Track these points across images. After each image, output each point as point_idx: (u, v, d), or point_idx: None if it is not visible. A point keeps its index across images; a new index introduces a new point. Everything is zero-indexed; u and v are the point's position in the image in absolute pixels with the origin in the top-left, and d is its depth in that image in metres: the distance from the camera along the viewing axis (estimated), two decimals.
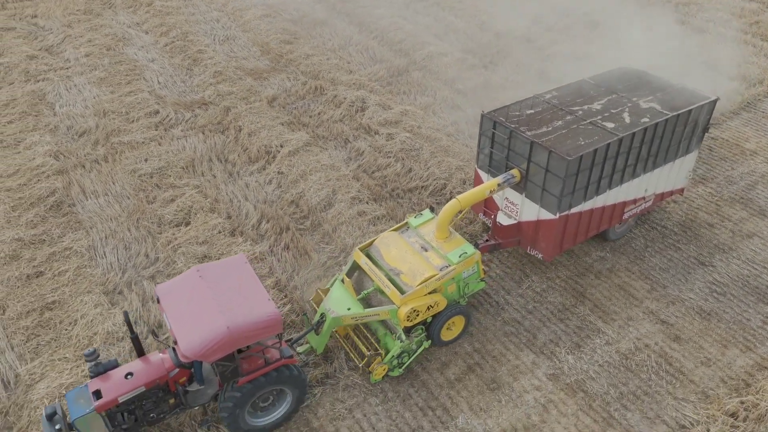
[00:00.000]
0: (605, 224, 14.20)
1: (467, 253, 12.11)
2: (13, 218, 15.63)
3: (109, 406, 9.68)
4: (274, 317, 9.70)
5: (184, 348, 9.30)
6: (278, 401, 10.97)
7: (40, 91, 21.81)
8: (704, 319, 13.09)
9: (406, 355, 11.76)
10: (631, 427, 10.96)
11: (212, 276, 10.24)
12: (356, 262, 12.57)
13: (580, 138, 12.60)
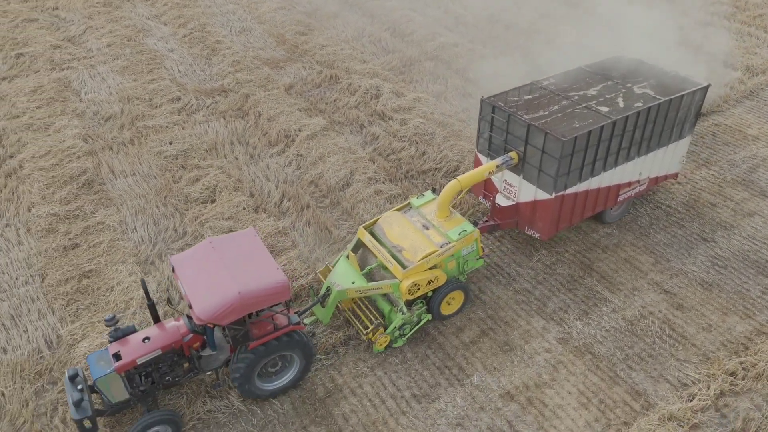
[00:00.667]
0: (600, 206, 14.73)
1: (467, 231, 12.69)
2: (47, 195, 16.45)
3: (128, 367, 10.27)
4: (282, 284, 10.29)
5: (198, 311, 9.85)
6: (286, 367, 11.52)
7: (65, 79, 22.64)
8: (706, 290, 13.79)
9: (407, 327, 12.40)
10: (636, 385, 11.68)
11: (224, 247, 10.84)
12: (360, 239, 13.15)
13: (575, 121, 13.18)
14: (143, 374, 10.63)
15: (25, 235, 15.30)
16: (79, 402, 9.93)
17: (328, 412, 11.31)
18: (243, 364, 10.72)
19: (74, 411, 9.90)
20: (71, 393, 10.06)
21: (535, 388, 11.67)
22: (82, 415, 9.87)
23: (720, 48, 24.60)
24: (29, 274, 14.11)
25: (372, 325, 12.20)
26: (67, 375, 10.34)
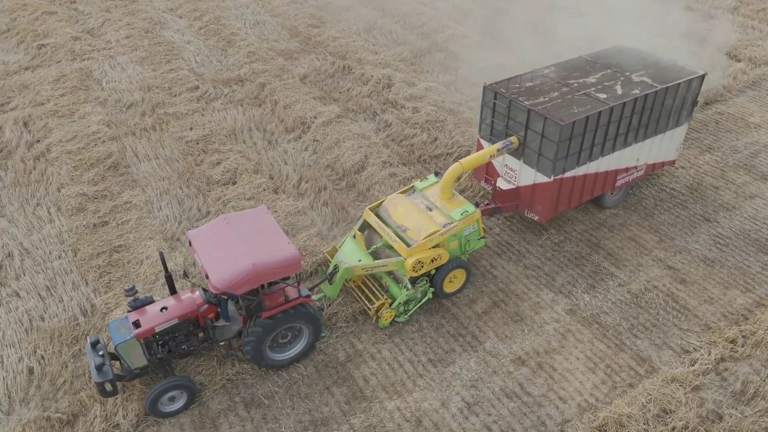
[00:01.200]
0: (598, 190, 15.16)
1: (468, 211, 13.19)
2: (75, 176, 17.17)
3: (146, 334, 10.78)
4: (294, 257, 10.81)
5: (215, 281, 10.33)
6: (296, 339, 12.02)
7: (87, 69, 23.37)
8: (708, 266, 14.39)
9: (411, 303, 12.98)
10: (641, 352, 12.30)
11: (238, 223, 11.34)
12: (366, 220, 13.64)
13: (573, 107, 13.66)
14: (161, 342, 11.18)
15: (56, 213, 16.02)
16: (100, 366, 10.49)
17: (349, 374, 11.98)
18: (255, 333, 11.19)
19: (96, 374, 10.46)
20: (93, 358, 10.65)
21: (545, 354, 12.32)
22: (104, 379, 10.43)
23: (724, 40, 25.26)
24: (62, 249, 14.83)
25: (377, 301, 12.80)
26: (89, 341, 10.98)
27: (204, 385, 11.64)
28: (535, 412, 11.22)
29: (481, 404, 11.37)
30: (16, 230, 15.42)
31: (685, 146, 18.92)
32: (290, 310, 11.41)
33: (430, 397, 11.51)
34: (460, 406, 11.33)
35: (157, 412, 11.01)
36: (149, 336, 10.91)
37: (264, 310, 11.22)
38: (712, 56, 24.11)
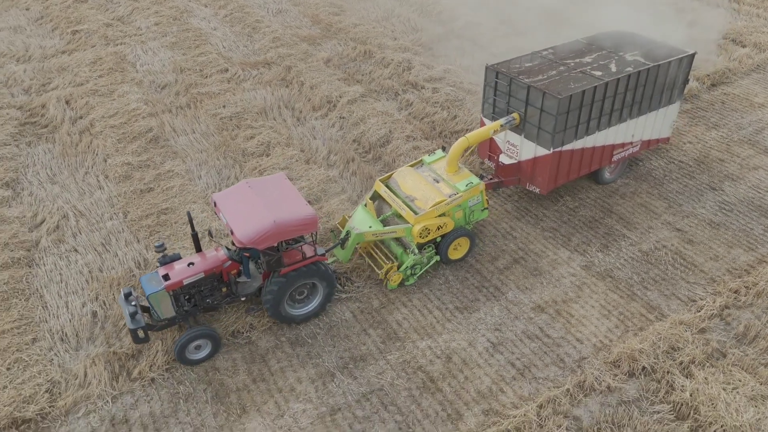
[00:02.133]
0: (596, 164, 15.94)
1: (473, 183, 14.04)
2: (120, 148, 18.35)
3: (175, 286, 11.61)
4: (311, 217, 11.65)
5: (239, 235, 11.10)
6: (311, 295, 12.87)
7: (121, 53, 24.58)
8: (714, 228, 15.43)
9: (418, 267, 13.77)
10: (651, 301, 13.36)
11: (259, 186, 12.17)
12: (377, 191, 14.43)
13: (570, 83, 14.46)
14: (187, 296, 12.03)
15: (104, 180, 17.20)
16: (133, 314, 11.39)
17: (383, 319, 13.09)
18: (275, 287, 11.98)
19: (130, 322, 11.35)
20: (126, 307, 11.52)
21: (563, 303, 13.39)
22: (137, 326, 11.30)
23: (730, 27, 26.26)
24: (113, 212, 16.01)
25: (386, 265, 13.73)
26: (122, 293, 11.90)
27: (253, 326, 12.79)
28: (555, 351, 12.31)
29: (504, 344, 12.47)
30: (69, 195, 16.63)
31: (693, 123, 19.96)
32: (307, 267, 12.25)
33: (458, 338, 12.62)
34: (486, 346, 12.43)
35: (185, 360, 11.84)
36: (177, 288, 11.74)
37: (283, 266, 12.07)
38: (718, 42, 25.17)
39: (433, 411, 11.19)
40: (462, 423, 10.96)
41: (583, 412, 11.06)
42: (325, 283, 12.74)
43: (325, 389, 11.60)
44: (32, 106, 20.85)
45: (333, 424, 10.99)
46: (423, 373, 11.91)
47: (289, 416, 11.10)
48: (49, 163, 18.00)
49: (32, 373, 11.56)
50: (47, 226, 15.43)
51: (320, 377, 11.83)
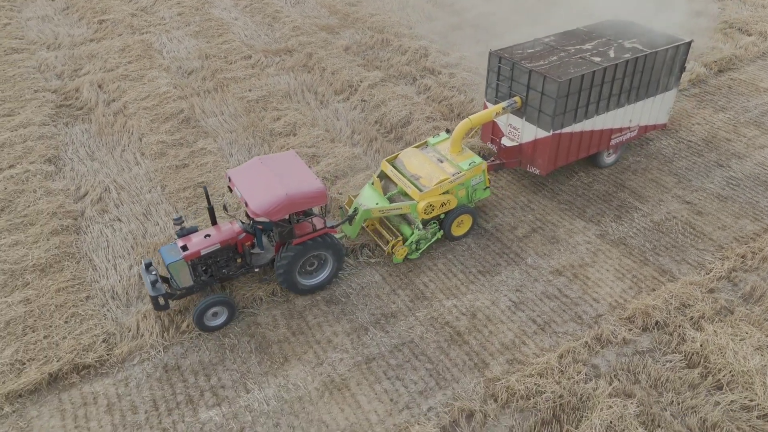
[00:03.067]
0: (594, 147, 16.44)
1: (475, 162, 14.67)
2: (154, 127, 19.27)
3: (193, 256, 12.23)
4: (321, 190, 12.23)
5: (254, 207, 11.66)
6: (321, 267, 13.45)
7: (147, 41, 25.50)
8: (722, 201, 16.24)
9: (423, 242, 14.39)
10: (662, 266, 14.19)
11: (271, 163, 12.74)
12: (384, 171, 15.10)
13: (570, 68, 14.94)
14: (204, 266, 12.64)
15: (141, 157, 18.12)
16: (154, 283, 12.07)
17: (410, 281, 13.96)
18: (287, 258, 12.56)
19: (151, 289, 12.00)
20: (147, 276, 12.18)
21: (579, 267, 14.23)
22: (157, 293, 11.94)
23: (736, 17, 27.02)
24: (151, 186, 16.92)
25: (392, 240, 14.30)
26: (143, 263, 12.60)
27: None
28: (573, 309, 13.15)
29: (525, 303, 13.32)
30: (108, 170, 17.56)
31: (701, 106, 20.76)
32: (317, 239, 12.87)
33: (482, 298, 13.48)
34: (508, 305, 13.29)
35: (203, 326, 12.42)
36: (195, 259, 12.35)
37: (295, 238, 12.68)
38: (724, 31, 25.95)
39: (460, 360, 12.06)
40: (488, 370, 11.83)
41: (601, 361, 11.90)
42: (334, 255, 13.32)
43: (360, 341, 12.48)
44: (66, 90, 21.80)
45: (369, 371, 11.86)
46: (450, 328, 12.77)
47: (327, 364, 11.98)
48: (87, 142, 18.93)
49: (89, 326, 12.47)
50: (90, 198, 16.37)
51: (354, 331, 12.71)
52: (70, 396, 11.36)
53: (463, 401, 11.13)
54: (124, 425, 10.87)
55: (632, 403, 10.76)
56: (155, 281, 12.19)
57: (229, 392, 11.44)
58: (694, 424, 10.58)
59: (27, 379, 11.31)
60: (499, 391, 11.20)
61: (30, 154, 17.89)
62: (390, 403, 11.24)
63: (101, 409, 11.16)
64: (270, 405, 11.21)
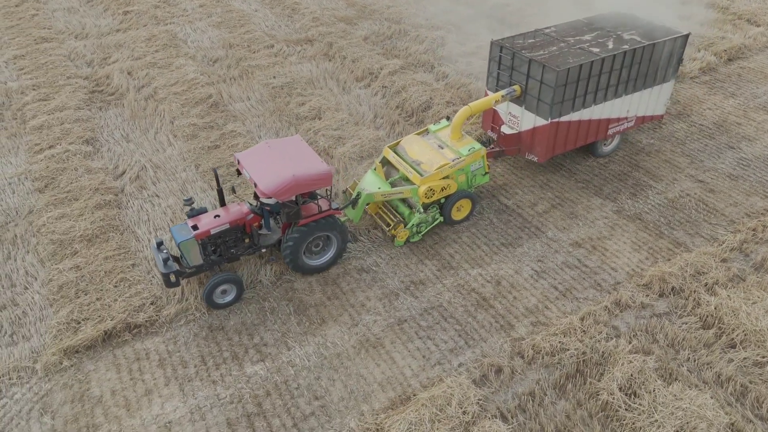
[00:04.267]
0: (592, 137, 16.80)
1: (475, 148, 15.04)
2: (184, 111, 20.06)
3: (203, 235, 12.59)
4: (326, 172, 12.63)
5: (262, 187, 12.04)
6: (326, 247, 13.94)
7: (171, 31, 26.30)
8: (733, 180, 16.92)
9: (423, 225, 14.78)
10: (677, 239, 14.89)
11: (278, 146, 13.18)
12: (386, 157, 15.46)
13: (569, 58, 15.32)
14: (213, 246, 13.01)
15: (173, 139, 18.90)
16: (165, 260, 12.46)
17: (437, 252, 14.69)
18: (294, 238, 13.00)
19: (162, 266, 12.36)
20: (158, 255, 12.58)
21: (597, 240, 14.94)
22: (168, 270, 12.31)
23: (745, 9, 27.63)
24: (185, 165, 17.69)
25: (395, 221, 14.65)
26: (154, 242, 12.99)
27: None
28: (592, 277, 13.87)
29: (547, 272, 14.03)
30: (143, 151, 18.36)
31: (712, 93, 21.42)
32: (322, 220, 13.31)
33: (505, 267, 14.20)
34: (531, 273, 14.01)
35: (212, 303, 12.83)
36: (205, 238, 12.73)
37: (301, 218, 13.13)
38: (734, 23, 26.57)
39: (487, 322, 12.79)
40: (513, 331, 12.55)
41: (620, 323, 12.61)
42: (338, 236, 13.77)
43: (391, 305, 13.22)
44: (97, 77, 22.62)
45: (401, 331, 12.60)
46: (476, 294, 13.50)
47: (362, 325, 12.73)
48: (121, 125, 19.73)
49: (137, 290, 13.25)
50: (129, 176, 17.17)
51: (386, 296, 13.45)
52: (123, 352, 12.15)
53: (492, 358, 11.87)
54: (176, 377, 11.65)
55: (651, 359, 11.47)
56: (167, 259, 12.56)
57: (271, 349, 12.21)
58: (710, 377, 11.29)
59: (84, 335, 12.10)
60: (526, 348, 11.93)
61: (68, 136, 18.70)
62: (423, 360, 11.98)
63: (153, 363, 11.94)
64: (311, 360, 11.97)
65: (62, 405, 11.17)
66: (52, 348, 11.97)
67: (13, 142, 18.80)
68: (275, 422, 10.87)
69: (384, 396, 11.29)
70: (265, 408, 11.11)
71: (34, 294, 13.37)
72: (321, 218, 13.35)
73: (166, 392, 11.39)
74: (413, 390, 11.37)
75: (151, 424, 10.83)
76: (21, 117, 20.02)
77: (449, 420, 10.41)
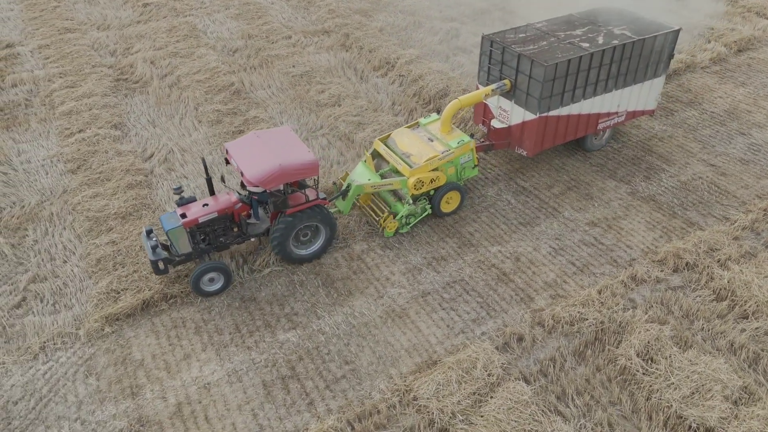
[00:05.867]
0: (581, 131, 16.82)
1: (464, 140, 15.16)
2: (208, 98, 20.64)
3: (192, 224, 12.70)
4: (313, 162, 12.74)
5: (249, 176, 12.15)
6: (315, 237, 14.07)
7: (191, 23, 26.89)
8: (744, 164, 17.38)
9: (412, 217, 14.95)
10: (689, 218, 15.37)
11: (267, 137, 13.25)
12: (376, 149, 15.57)
13: (558, 53, 15.38)
14: (202, 234, 13.13)
15: (198, 124, 19.49)
16: (154, 248, 12.61)
17: (457, 230, 15.22)
18: (281, 227, 13.12)
19: (151, 254, 12.50)
20: (148, 242, 12.72)
21: (613, 220, 15.44)
22: (157, 257, 12.46)
23: (755, 2, 28.02)
24: (211, 149, 18.27)
25: (384, 214, 14.89)
26: (144, 230, 13.10)
27: (353, 231, 15.04)
28: (608, 254, 14.37)
29: (564, 249, 14.55)
30: (170, 135, 18.94)
31: (723, 82, 21.86)
32: (310, 209, 13.44)
33: (524, 245, 14.72)
34: (549, 250, 14.52)
35: (200, 291, 12.98)
36: (193, 226, 12.85)
37: (289, 207, 13.27)
38: (743, 15, 26.97)
39: (508, 295, 13.32)
40: (533, 303, 13.08)
41: (636, 295, 13.12)
42: (326, 226, 13.91)
43: (415, 279, 13.76)
44: (121, 66, 23.22)
45: (425, 303, 13.15)
46: (496, 269, 14.03)
47: (387, 297, 13.28)
48: (147, 111, 20.33)
49: None
50: (157, 158, 17.76)
51: (409, 271, 13.99)
52: (161, 320, 12.74)
53: (513, 327, 12.41)
54: (212, 343, 12.22)
55: (667, 328, 11.97)
56: (155, 246, 12.71)
57: (302, 319, 12.78)
58: (723, 345, 11.78)
59: (124, 304, 12.70)
60: (546, 318, 12.45)
61: (97, 121, 19.31)
62: (447, 329, 12.52)
63: (190, 331, 12.52)
64: (340, 329, 12.53)
65: (106, 368, 11.76)
66: (94, 315, 12.57)
67: (44, 126, 19.43)
68: (308, 384, 11.44)
69: (411, 361, 11.84)
70: (299, 371, 11.68)
71: (73, 267, 13.97)
72: (308, 208, 13.44)
73: (204, 357, 11.97)
74: (438, 356, 11.91)
75: (191, 385, 11.42)
76: (50, 103, 20.65)
77: (475, 381, 10.95)
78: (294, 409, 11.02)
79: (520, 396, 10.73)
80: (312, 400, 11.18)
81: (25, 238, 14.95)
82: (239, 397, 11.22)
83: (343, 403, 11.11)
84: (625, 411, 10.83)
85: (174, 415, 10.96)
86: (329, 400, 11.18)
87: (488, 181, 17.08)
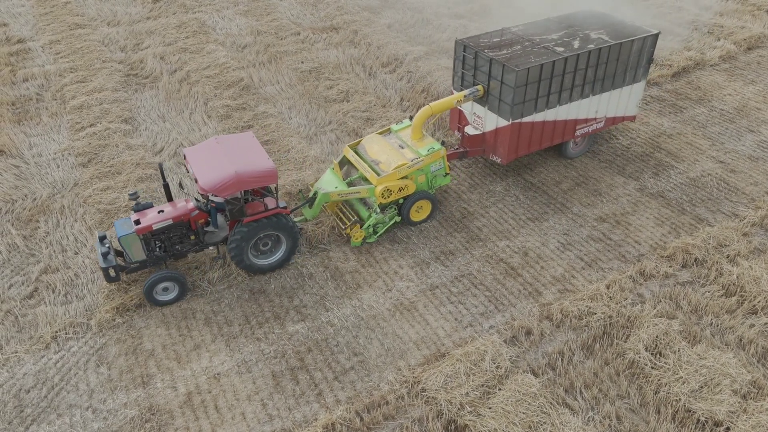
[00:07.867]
0: (558, 138, 16.36)
1: (434, 148, 14.74)
2: (217, 93, 20.76)
3: (145, 230, 12.40)
4: (271, 170, 12.33)
5: (202, 183, 11.80)
6: (275, 247, 13.62)
7: (200, 19, 27.02)
8: (753, 161, 17.32)
9: (380, 226, 14.63)
10: (698, 214, 15.34)
11: (227, 143, 12.92)
12: (345, 156, 15.22)
13: (531, 57, 14.98)
14: (158, 241, 12.82)
15: (207, 119, 19.60)
16: (106, 255, 12.31)
17: (465, 225, 15.26)
18: (238, 236, 12.69)
19: (102, 260, 12.20)
20: (100, 248, 12.41)
21: (621, 216, 15.43)
22: (108, 265, 12.15)
23: (765, 0, 27.90)
24: None
25: (351, 221, 14.45)
26: (97, 236, 12.82)
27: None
28: (617, 249, 14.37)
29: (573, 245, 14.56)
30: (179, 129, 19.07)
31: (732, 79, 21.78)
32: (268, 218, 12.97)
33: (532, 240, 14.74)
34: (557, 245, 14.54)
35: (153, 300, 12.72)
36: (147, 233, 12.56)
37: (245, 216, 12.87)
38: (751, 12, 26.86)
39: (516, 289, 13.35)
40: (541, 297, 13.11)
41: (645, 290, 13.12)
42: (287, 236, 13.42)
43: (423, 273, 13.81)
44: (131, 61, 23.39)
45: (433, 296, 13.20)
46: (504, 263, 14.06)
47: (396, 290, 13.34)
48: (156, 106, 20.47)
49: None
50: (167, 152, 17.89)
51: (418, 265, 14.05)
52: (171, 311, 12.86)
53: (521, 320, 12.44)
54: (221, 335, 12.32)
55: (675, 323, 11.97)
56: (107, 253, 12.42)
57: (311, 311, 12.86)
58: (732, 340, 11.77)
59: (134, 294, 12.82)
60: (554, 312, 12.48)
61: (107, 115, 19.47)
62: (455, 322, 12.57)
63: (200, 322, 12.63)
64: (348, 321, 12.60)
65: (117, 357, 11.89)
66: (105, 306, 12.70)
67: (55, 120, 19.61)
68: (317, 375, 11.51)
69: (419, 353, 11.89)
70: (307, 363, 11.76)
71: (84, 258, 14.11)
72: (266, 217, 13.03)
73: (213, 347, 12.07)
74: (447, 348, 11.96)
75: (201, 375, 11.52)
76: (61, 98, 20.84)
77: (483, 374, 11.00)
78: (303, 399, 11.11)
79: (528, 388, 10.77)
80: (321, 390, 11.25)
81: (36, 230, 15.11)
82: (248, 387, 11.32)
83: (352, 393, 11.19)
84: (633, 404, 10.85)
85: (184, 404, 11.06)
86: (338, 390, 11.25)
87: (497, 176, 17.11)
